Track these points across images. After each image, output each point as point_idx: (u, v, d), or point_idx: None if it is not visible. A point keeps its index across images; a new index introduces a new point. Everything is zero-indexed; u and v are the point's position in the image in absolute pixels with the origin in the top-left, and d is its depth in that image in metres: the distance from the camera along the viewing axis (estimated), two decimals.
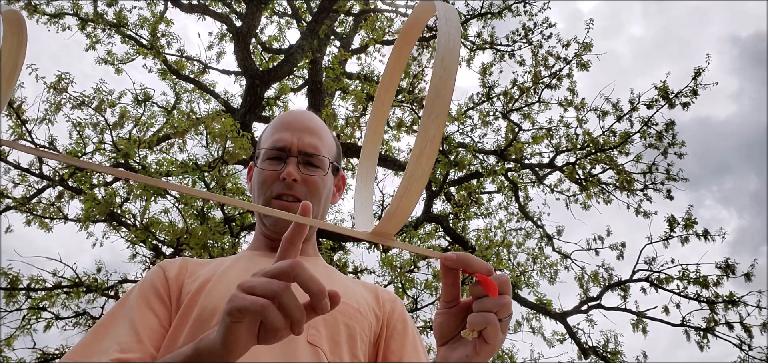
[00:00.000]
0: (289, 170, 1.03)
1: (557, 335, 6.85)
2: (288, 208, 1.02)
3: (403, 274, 6.32)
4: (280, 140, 1.07)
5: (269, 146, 1.08)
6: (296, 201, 1.03)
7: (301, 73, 8.41)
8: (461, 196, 7.64)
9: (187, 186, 5.56)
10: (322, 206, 1.09)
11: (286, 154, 1.06)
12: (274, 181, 1.05)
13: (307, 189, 1.05)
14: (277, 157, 1.07)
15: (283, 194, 1.04)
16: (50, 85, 5.84)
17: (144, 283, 0.99)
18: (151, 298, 0.95)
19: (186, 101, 7.70)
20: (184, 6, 7.70)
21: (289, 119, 1.11)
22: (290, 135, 1.07)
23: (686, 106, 6.68)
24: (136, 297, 0.95)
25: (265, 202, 1.04)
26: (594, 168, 7.15)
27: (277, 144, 1.07)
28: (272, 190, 1.05)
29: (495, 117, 7.66)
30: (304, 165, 1.07)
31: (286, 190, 1.04)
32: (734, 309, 6.16)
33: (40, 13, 7.19)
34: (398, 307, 1.10)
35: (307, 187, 1.05)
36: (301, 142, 1.07)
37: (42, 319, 6.03)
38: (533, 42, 7.71)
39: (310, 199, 1.03)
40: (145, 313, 0.92)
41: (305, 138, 1.08)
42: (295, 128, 1.09)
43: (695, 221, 6.53)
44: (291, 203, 1.03)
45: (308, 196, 1.05)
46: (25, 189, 6.35)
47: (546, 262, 7.40)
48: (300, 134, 1.08)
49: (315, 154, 1.08)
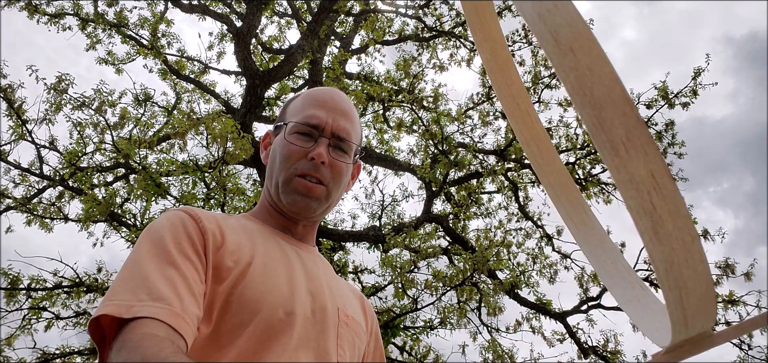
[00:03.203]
0: (320, 151, 1.00)
1: (557, 335, 6.85)
2: (311, 189, 1.00)
3: (403, 275, 6.33)
4: (314, 117, 1.03)
5: (301, 120, 1.03)
6: (319, 183, 1.01)
7: (302, 73, 8.42)
8: (461, 196, 7.64)
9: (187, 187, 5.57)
10: (340, 192, 1.07)
11: (319, 134, 1.02)
12: (300, 157, 1.01)
13: (332, 173, 1.02)
14: (308, 134, 1.02)
15: (308, 174, 1.00)
16: (50, 86, 5.84)
17: (175, 228, 0.86)
18: (190, 251, 0.84)
19: (186, 101, 7.71)
20: (184, 6, 7.71)
21: (324, 97, 1.06)
22: (325, 114, 1.03)
23: (686, 107, 6.69)
24: (175, 247, 0.83)
25: (288, 178, 1.01)
26: (594, 168, 7.16)
27: (311, 120, 1.02)
28: (298, 166, 1.00)
29: (495, 117, 7.67)
30: (334, 148, 1.03)
31: (312, 170, 1.00)
32: (734, 309, 6.17)
33: (40, 13, 7.20)
34: (376, 327, 1.13)
35: (333, 171, 1.02)
36: (336, 124, 1.04)
37: (42, 319, 6.04)
38: (533, 42, 7.72)
39: (333, 184, 1.03)
40: (188, 266, 0.82)
41: (339, 120, 1.04)
42: (330, 108, 1.05)
43: (694, 221, 6.53)
44: (315, 185, 1.00)
45: (332, 180, 1.02)
46: (25, 189, 6.36)
47: (546, 262, 7.41)
48: (334, 115, 1.04)
49: (346, 140, 1.05)
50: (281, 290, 0.88)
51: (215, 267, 0.85)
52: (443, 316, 6.33)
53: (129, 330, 0.70)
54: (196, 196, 5.44)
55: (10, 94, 5.79)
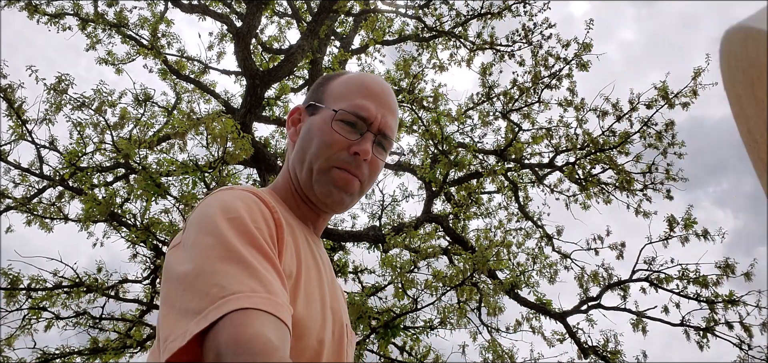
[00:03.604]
0: (367, 148, 0.94)
1: (557, 335, 6.85)
2: (348, 181, 0.95)
3: (403, 275, 6.32)
4: (364, 109, 0.96)
5: (350, 109, 0.96)
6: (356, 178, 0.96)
7: (302, 73, 8.42)
8: (461, 196, 7.64)
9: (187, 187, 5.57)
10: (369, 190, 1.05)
11: (366, 128, 0.96)
12: (342, 148, 0.95)
13: (370, 171, 0.98)
14: (354, 124, 0.96)
15: (348, 168, 0.95)
16: (50, 86, 5.84)
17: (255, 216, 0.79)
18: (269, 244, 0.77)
19: (186, 101, 7.71)
20: (184, 6, 7.71)
21: (376, 89, 1.00)
22: (375, 108, 0.97)
23: (686, 107, 6.69)
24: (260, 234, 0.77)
25: (325, 167, 0.95)
26: (594, 168, 7.16)
27: (361, 112, 0.96)
28: (339, 157, 0.95)
29: (495, 117, 7.68)
30: (377, 145, 0.98)
31: (353, 165, 0.95)
32: (734, 308, 6.17)
33: (40, 13, 7.20)
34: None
35: (371, 169, 0.98)
36: (384, 120, 0.98)
37: (42, 319, 6.04)
38: (533, 42, 7.72)
39: (368, 182, 0.99)
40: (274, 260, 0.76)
41: (388, 118, 0.99)
42: (381, 102, 0.99)
43: (695, 221, 6.54)
44: (353, 178, 0.96)
45: (369, 176, 0.98)
46: (25, 189, 6.36)
47: (546, 262, 7.41)
48: (384, 112, 0.98)
49: (390, 139, 1.00)
50: (318, 317, 0.85)
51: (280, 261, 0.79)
52: (443, 316, 6.33)
53: (244, 325, 0.62)
54: (196, 197, 5.44)
55: (10, 94, 5.79)
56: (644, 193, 7.04)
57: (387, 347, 6.30)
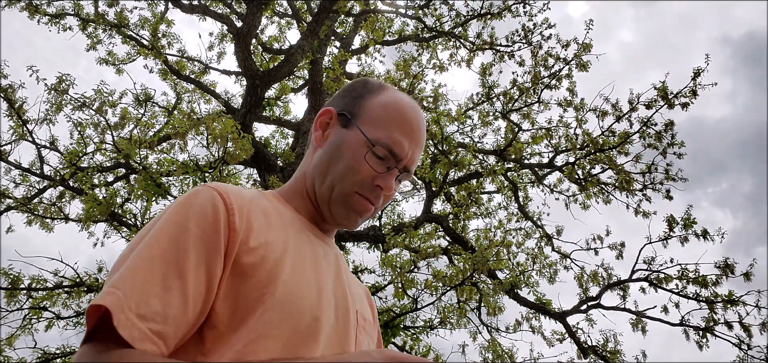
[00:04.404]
0: (390, 185, 0.96)
1: (557, 335, 6.86)
2: (367, 209, 0.97)
3: (403, 275, 6.33)
4: (399, 146, 0.96)
5: (385, 144, 0.95)
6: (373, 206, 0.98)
7: (302, 73, 8.43)
8: (461, 196, 7.65)
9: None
10: None
11: (395, 164, 0.97)
12: (369, 177, 0.95)
13: (384, 199, 0.99)
14: (384, 158, 0.96)
15: (368, 197, 0.96)
16: (51, 86, 5.85)
17: (204, 220, 0.82)
18: (211, 249, 0.80)
19: (187, 101, 7.72)
20: (184, 6, 7.72)
21: (413, 123, 0.99)
22: (408, 145, 0.97)
23: (685, 107, 6.70)
24: (196, 239, 0.80)
25: (348, 192, 0.95)
26: (593, 168, 7.16)
27: (395, 149, 0.96)
28: (363, 184, 0.95)
29: (495, 117, 7.69)
30: (397, 179, 0.99)
31: (374, 196, 0.97)
32: (733, 308, 6.17)
33: (41, 14, 7.21)
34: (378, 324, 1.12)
35: (385, 198, 0.99)
36: (412, 157, 0.99)
37: (43, 318, 6.05)
38: (533, 43, 7.73)
39: (380, 207, 1.01)
40: (198, 270, 0.78)
41: (416, 154, 0.99)
42: (415, 139, 0.99)
43: (694, 221, 6.54)
44: (371, 207, 0.98)
45: (381, 203, 1.00)
46: (26, 189, 6.37)
47: (545, 261, 7.42)
48: (414, 149, 0.99)
49: (410, 174, 1.01)
50: (311, 294, 0.86)
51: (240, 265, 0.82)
52: (443, 316, 6.34)
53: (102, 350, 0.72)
54: None
55: (10, 94, 5.80)
56: (644, 193, 7.05)
57: (387, 347, 6.31)
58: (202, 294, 0.78)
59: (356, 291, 1.03)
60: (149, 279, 0.75)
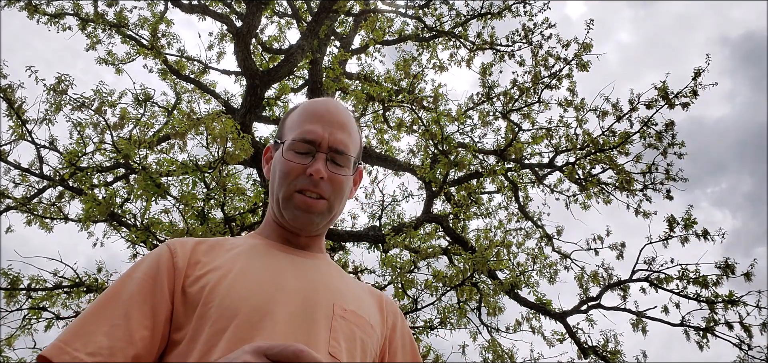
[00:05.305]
0: (318, 167, 1.00)
1: (557, 335, 6.85)
2: (311, 205, 1.01)
3: (403, 275, 6.33)
4: (310, 133, 1.03)
5: (298, 137, 1.03)
6: (320, 198, 1.02)
7: (301, 73, 8.42)
8: (461, 196, 7.64)
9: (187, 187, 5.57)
10: (343, 204, 1.08)
11: (316, 149, 1.02)
12: (299, 174, 1.01)
13: (332, 187, 1.03)
14: (306, 151, 1.02)
15: (307, 190, 1.01)
16: (50, 86, 5.84)
17: (149, 266, 0.94)
18: (155, 288, 0.92)
19: (186, 101, 7.72)
20: (184, 6, 7.71)
21: (321, 111, 1.06)
22: (321, 129, 1.03)
23: (686, 107, 6.69)
24: (139, 282, 0.92)
25: (287, 195, 1.02)
26: (594, 168, 7.15)
27: (307, 136, 1.02)
28: (296, 183, 1.01)
29: (495, 117, 7.68)
30: (332, 162, 1.03)
31: (311, 186, 1.01)
32: (734, 308, 6.16)
33: (40, 13, 7.20)
34: (399, 323, 1.11)
35: (333, 185, 1.03)
36: (332, 137, 1.03)
37: (42, 319, 6.04)
38: (533, 42, 7.72)
39: (334, 198, 1.04)
40: (143, 307, 0.89)
41: (336, 134, 1.04)
42: (327, 122, 1.04)
43: (694, 221, 6.53)
44: (314, 201, 1.01)
45: (333, 194, 1.03)
46: (25, 189, 6.36)
47: (546, 262, 7.41)
48: (331, 129, 1.03)
49: (344, 153, 1.04)
50: (260, 293, 0.91)
51: (187, 296, 0.92)
52: (443, 316, 6.33)
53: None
54: (196, 197, 5.44)
55: (9, 94, 5.79)
56: (644, 194, 7.04)
57: None
58: (148, 327, 0.88)
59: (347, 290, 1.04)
60: (96, 322, 0.89)
